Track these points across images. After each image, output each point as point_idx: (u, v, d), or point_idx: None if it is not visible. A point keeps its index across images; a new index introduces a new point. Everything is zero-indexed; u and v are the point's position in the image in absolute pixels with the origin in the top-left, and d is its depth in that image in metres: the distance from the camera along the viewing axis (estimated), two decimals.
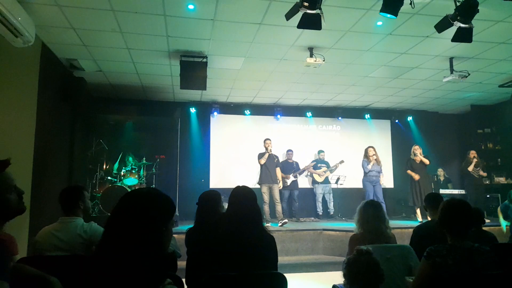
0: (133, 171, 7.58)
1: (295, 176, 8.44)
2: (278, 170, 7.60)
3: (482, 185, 8.16)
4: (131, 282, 1.11)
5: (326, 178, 8.72)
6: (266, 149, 7.46)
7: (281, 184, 7.77)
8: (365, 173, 7.81)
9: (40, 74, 5.29)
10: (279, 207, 7.32)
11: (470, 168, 8.11)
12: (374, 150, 7.87)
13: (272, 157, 7.45)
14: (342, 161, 8.73)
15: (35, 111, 5.21)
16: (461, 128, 10.12)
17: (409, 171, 7.88)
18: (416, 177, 7.75)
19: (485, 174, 8.18)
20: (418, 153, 7.82)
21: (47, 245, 2.57)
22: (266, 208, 7.28)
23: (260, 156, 7.48)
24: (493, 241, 3.35)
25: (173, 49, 5.75)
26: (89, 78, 6.92)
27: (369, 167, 7.73)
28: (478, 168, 8.04)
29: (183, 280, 2.86)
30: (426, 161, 7.76)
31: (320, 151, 9.04)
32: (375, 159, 7.76)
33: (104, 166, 7.80)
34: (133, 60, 6.23)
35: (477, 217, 3.36)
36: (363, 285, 1.93)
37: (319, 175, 8.71)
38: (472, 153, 8.13)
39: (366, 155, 7.89)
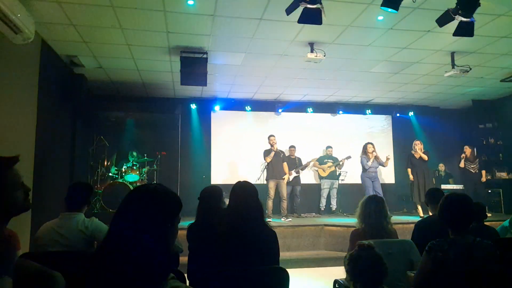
0: (134, 168, 7.59)
1: (297, 172, 8.45)
2: (285, 165, 7.56)
3: (479, 182, 8.13)
4: (136, 278, 1.11)
5: (333, 173, 8.71)
6: (272, 146, 7.44)
7: (287, 177, 7.75)
8: (364, 169, 7.80)
9: (40, 71, 5.29)
10: (284, 204, 7.36)
11: (461, 165, 8.13)
12: (373, 147, 7.87)
13: (277, 153, 7.42)
14: (349, 157, 8.71)
15: (36, 108, 5.20)
16: (462, 123, 10.09)
17: (408, 170, 7.87)
18: (411, 177, 7.75)
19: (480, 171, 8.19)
20: (418, 149, 7.80)
21: (49, 240, 2.58)
22: (270, 203, 7.27)
23: (266, 154, 7.46)
24: (495, 236, 3.35)
25: (173, 45, 5.73)
26: (89, 75, 6.90)
27: (369, 163, 7.72)
28: (474, 165, 8.04)
29: (185, 275, 2.87)
30: (425, 157, 7.74)
31: (328, 147, 9.07)
32: (375, 156, 7.76)
33: (105, 163, 7.80)
34: (133, 57, 6.21)
35: (479, 212, 3.36)
36: (368, 281, 1.93)
37: (323, 169, 8.70)
38: (465, 148, 8.17)
39: (365, 152, 7.88)
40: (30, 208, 1.79)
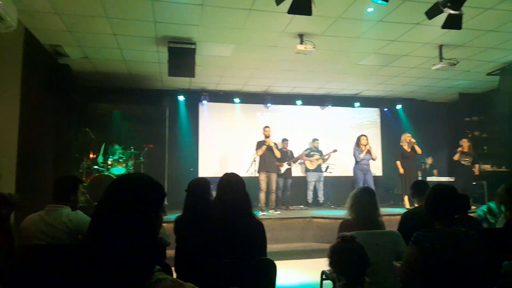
0: (121, 160, 7.49)
1: (289, 165, 8.47)
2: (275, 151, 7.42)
3: (471, 174, 8.27)
4: (121, 271, 1.07)
5: (319, 166, 8.74)
6: (266, 137, 7.37)
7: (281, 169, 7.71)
8: (357, 162, 7.84)
9: (23, 61, 5.13)
10: (273, 196, 7.37)
11: (456, 157, 8.24)
12: (367, 139, 7.90)
13: (270, 146, 7.37)
14: (335, 150, 8.75)
15: (19, 99, 5.06)
16: (450, 116, 10.22)
17: (398, 162, 7.93)
18: (401, 170, 7.81)
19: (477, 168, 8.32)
20: (405, 141, 7.86)
21: (33, 232, 2.54)
22: (262, 196, 7.25)
23: (258, 146, 7.41)
24: (478, 226, 3.39)
25: (161, 35, 5.63)
26: (74, 66, 6.75)
27: (362, 156, 7.76)
28: (469, 158, 8.16)
29: (172, 268, 2.85)
30: (419, 151, 7.82)
31: (314, 139, 9.04)
32: (368, 149, 7.80)
33: (91, 155, 7.68)
34: (120, 47, 6.09)
35: (463, 204, 3.40)
36: (351, 272, 1.93)
37: (310, 162, 8.72)
38: (463, 142, 8.26)
39: (358, 144, 7.91)
40: None
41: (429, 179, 8.57)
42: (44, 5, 4.59)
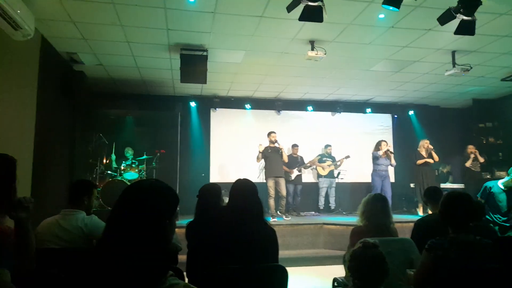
0: (133, 165, 7.58)
1: (299, 170, 8.44)
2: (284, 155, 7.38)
3: (482, 180, 8.13)
4: (134, 276, 1.09)
5: (331, 172, 8.69)
6: (272, 142, 7.33)
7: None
8: (375, 166, 7.77)
9: (40, 68, 5.26)
10: (283, 202, 7.25)
11: (468, 164, 8.12)
12: (387, 144, 7.89)
13: (275, 150, 7.34)
14: (347, 156, 8.68)
15: (35, 105, 5.18)
16: (463, 122, 10.07)
17: (418, 161, 7.84)
18: (424, 160, 7.73)
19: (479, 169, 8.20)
20: (423, 147, 7.81)
21: (49, 236, 2.58)
22: (271, 202, 7.11)
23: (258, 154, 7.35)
24: (494, 235, 3.34)
25: (173, 42, 5.71)
26: (89, 72, 6.88)
27: (380, 153, 7.71)
28: (477, 163, 8.04)
29: (184, 273, 2.86)
30: (436, 158, 7.76)
31: (327, 146, 8.98)
32: (387, 152, 7.73)
33: (105, 161, 7.79)
34: (133, 54, 6.19)
35: (477, 211, 3.35)
36: (369, 279, 1.91)
37: (322, 168, 8.69)
38: (470, 148, 8.14)
39: (378, 149, 7.88)
40: None
41: (442, 186, 8.45)
42: (60, 13, 4.70)
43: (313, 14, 4.00)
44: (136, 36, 5.45)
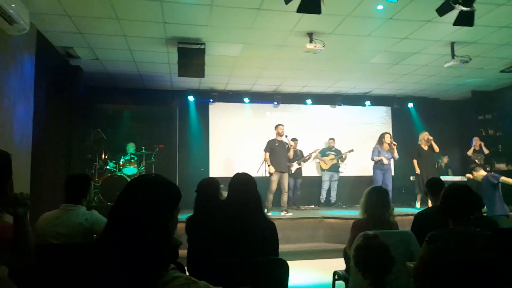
0: (132, 161, 7.55)
1: (299, 164, 8.43)
2: (290, 154, 7.38)
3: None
4: (136, 269, 1.10)
5: (335, 166, 8.67)
6: (280, 135, 7.20)
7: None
8: (375, 161, 7.74)
9: (36, 63, 5.21)
10: (285, 197, 7.16)
11: (469, 153, 8.14)
12: (391, 137, 7.81)
13: (282, 145, 7.25)
14: (351, 150, 8.63)
15: (32, 100, 5.14)
16: (462, 114, 10.07)
17: (414, 161, 7.83)
18: (418, 170, 7.72)
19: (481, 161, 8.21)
20: (423, 139, 7.80)
21: (48, 231, 2.56)
22: (270, 197, 7.04)
23: (269, 145, 7.16)
24: (494, 227, 3.34)
25: (170, 35, 5.66)
26: (85, 67, 6.82)
27: (376, 158, 7.63)
28: (482, 155, 8.05)
29: (185, 267, 2.86)
30: (436, 149, 7.74)
31: (330, 139, 8.95)
32: (389, 144, 7.68)
33: (103, 156, 7.76)
34: (130, 48, 6.14)
35: (475, 202, 3.35)
36: (377, 270, 1.91)
37: (324, 162, 8.68)
38: (475, 139, 8.18)
39: (381, 141, 7.76)
40: None
41: (442, 178, 8.45)
42: (56, 7, 4.65)
43: (311, 6, 3.97)
44: (133, 29, 5.40)
